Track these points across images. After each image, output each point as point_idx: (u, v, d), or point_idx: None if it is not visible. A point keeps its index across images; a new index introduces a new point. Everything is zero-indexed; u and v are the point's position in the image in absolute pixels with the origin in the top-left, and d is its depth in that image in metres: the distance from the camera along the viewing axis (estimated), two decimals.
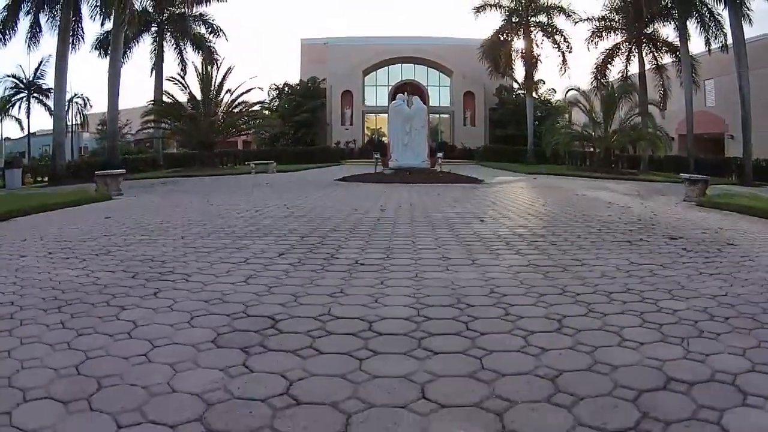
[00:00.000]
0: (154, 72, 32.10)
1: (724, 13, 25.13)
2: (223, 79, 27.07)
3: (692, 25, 26.70)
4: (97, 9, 22.42)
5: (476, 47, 36.73)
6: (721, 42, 25.94)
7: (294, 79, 43.72)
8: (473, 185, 13.84)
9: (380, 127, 43.22)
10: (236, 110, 27.06)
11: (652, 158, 28.50)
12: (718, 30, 26.11)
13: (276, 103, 41.57)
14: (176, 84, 27.23)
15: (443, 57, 41.34)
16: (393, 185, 12.77)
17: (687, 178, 11.10)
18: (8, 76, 34.73)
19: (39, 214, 9.67)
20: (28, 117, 36.72)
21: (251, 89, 26.61)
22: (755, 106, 24.37)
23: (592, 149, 28.27)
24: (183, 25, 30.55)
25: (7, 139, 44.96)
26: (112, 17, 24.28)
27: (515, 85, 40.71)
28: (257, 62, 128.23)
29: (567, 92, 30.15)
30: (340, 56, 41.09)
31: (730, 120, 31.35)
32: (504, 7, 35.69)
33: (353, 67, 40.82)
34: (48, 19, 22.69)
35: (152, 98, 31.69)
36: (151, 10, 30.61)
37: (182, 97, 27.96)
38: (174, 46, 31.61)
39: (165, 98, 27.92)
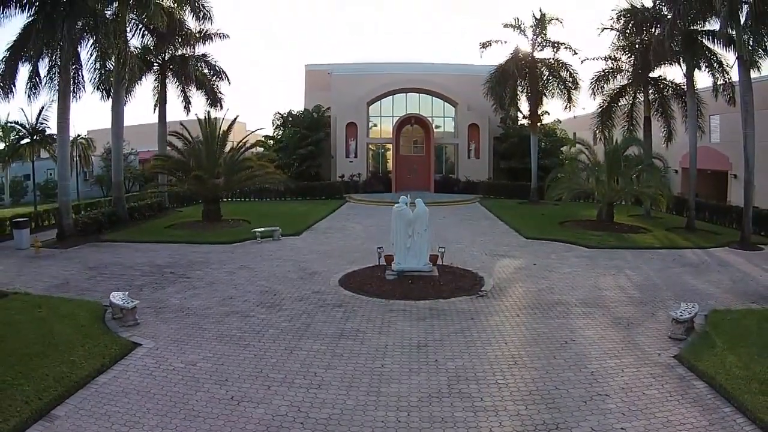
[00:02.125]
0: (157, 109, 32.25)
1: (735, 67, 24.90)
2: (228, 129, 27.03)
3: (701, 72, 26.58)
4: (97, 72, 22.27)
5: (482, 75, 36.44)
6: (729, 94, 25.81)
7: (298, 104, 43.71)
8: (473, 300, 14.07)
9: (384, 151, 43.26)
10: (241, 167, 27.09)
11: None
12: (726, 79, 25.97)
13: (280, 133, 41.64)
14: (179, 138, 27.22)
15: (448, 88, 41.01)
16: (394, 312, 13.10)
17: (674, 318, 11.29)
18: (11, 122, 34.82)
19: None
20: (33, 161, 36.76)
21: (256, 144, 26.57)
22: (760, 148, 24.15)
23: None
24: (185, 67, 30.38)
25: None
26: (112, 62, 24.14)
27: (520, 115, 40.46)
28: (259, 74, 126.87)
29: (571, 147, 30.02)
30: (344, 87, 40.90)
31: (734, 158, 31.12)
32: (510, 43, 35.47)
33: (357, 98, 40.52)
34: (46, 82, 22.52)
35: (156, 120, 32.04)
36: (152, 48, 30.45)
37: (190, 130, 27.89)
38: (177, 84, 31.58)
39: (169, 149, 28.06)
